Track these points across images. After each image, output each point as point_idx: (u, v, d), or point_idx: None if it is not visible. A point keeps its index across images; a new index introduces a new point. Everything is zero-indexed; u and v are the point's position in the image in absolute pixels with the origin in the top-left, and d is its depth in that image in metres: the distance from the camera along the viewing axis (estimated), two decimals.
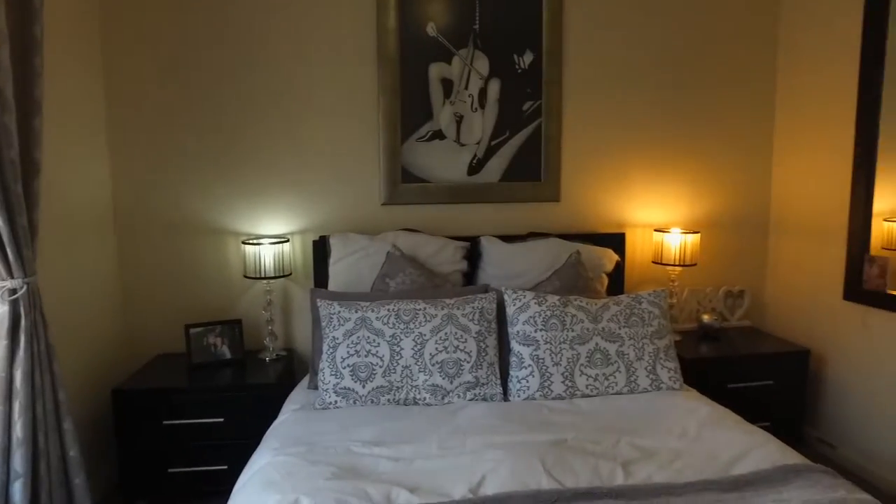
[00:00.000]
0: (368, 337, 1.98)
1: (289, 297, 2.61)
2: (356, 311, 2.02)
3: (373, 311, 2.01)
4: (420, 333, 1.97)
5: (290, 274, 2.52)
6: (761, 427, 2.50)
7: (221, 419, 2.19)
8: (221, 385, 2.28)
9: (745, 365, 2.51)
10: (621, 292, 2.49)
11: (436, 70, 2.57)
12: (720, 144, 2.82)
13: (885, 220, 2.38)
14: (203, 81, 2.47)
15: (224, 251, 2.56)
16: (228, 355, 2.43)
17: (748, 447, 1.61)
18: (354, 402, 1.93)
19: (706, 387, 2.38)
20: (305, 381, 2.21)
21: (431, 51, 2.55)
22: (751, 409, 2.48)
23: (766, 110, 2.85)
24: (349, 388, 1.94)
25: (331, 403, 1.94)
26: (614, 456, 1.58)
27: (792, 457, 1.56)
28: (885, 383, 2.35)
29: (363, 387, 1.94)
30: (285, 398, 2.11)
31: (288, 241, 2.51)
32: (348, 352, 1.96)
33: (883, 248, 2.39)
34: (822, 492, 1.36)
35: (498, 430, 1.73)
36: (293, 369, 2.53)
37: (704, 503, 1.34)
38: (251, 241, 2.41)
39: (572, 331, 1.98)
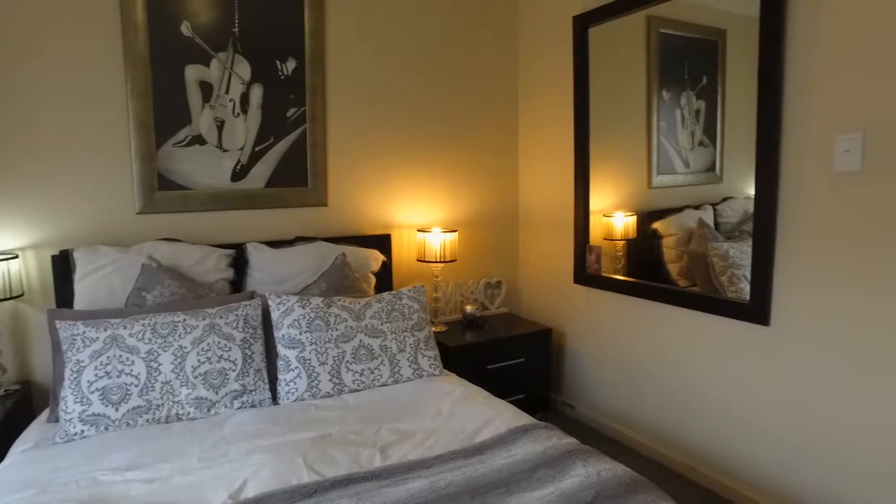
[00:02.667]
0: (121, 356, 1.84)
1: (21, 322, 2.28)
2: (105, 330, 1.86)
3: (125, 327, 1.88)
4: (180, 346, 1.89)
5: (22, 295, 2.21)
6: (516, 399, 2.88)
7: None
8: None
9: (502, 347, 2.83)
10: (391, 290, 2.66)
11: (193, 72, 2.46)
12: (475, 152, 3.16)
13: (605, 216, 2.88)
14: None
15: None
16: None
17: (490, 418, 1.85)
18: (106, 429, 1.78)
19: (470, 370, 2.66)
20: (45, 415, 1.97)
21: (188, 52, 2.44)
22: (508, 384, 2.84)
23: (511, 125, 3.27)
24: (99, 414, 1.78)
25: (76, 434, 1.76)
26: (374, 442, 1.70)
27: (523, 420, 1.82)
28: (604, 348, 2.87)
29: (116, 410, 1.79)
30: None
31: (17, 256, 2.20)
32: (97, 374, 1.80)
33: (604, 239, 2.88)
34: (541, 443, 1.63)
35: (264, 434, 1.75)
36: (32, 405, 2.22)
37: (449, 470, 1.52)
38: None
39: (336, 330, 2.07)
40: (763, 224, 2.10)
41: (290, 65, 2.62)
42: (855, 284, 1.87)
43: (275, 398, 2.02)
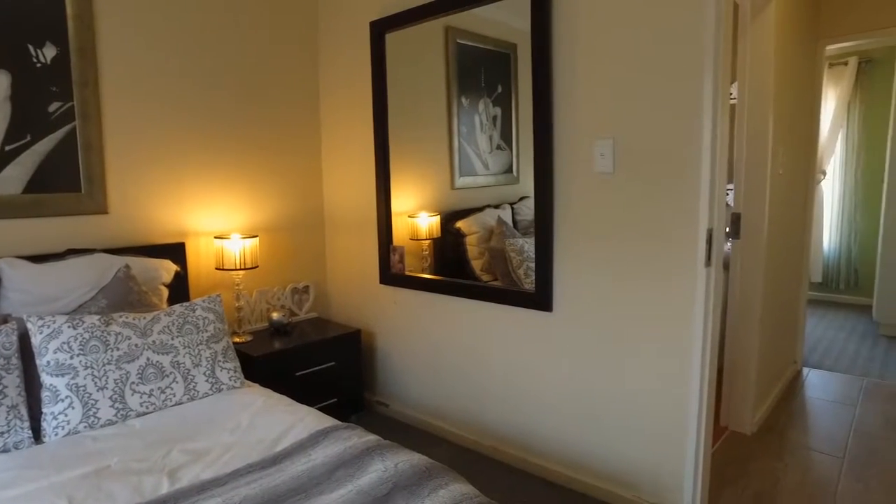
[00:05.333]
0: None
1: None
2: None
3: None
4: None
5: None
6: (330, 403, 2.86)
7: None
8: None
9: (311, 352, 2.78)
10: (187, 301, 2.46)
11: None
12: (277, 154, 3.06)
13: (410, 216, 2.98)
14: None
15: None
16: None
17: (292, 424, 1.82)
18: None
19: (278, 378, 2.58)
20: None
21: None
22: (320, 389, 2.81)
23: (313, 126, 3.23)
24: None
25: None
26: (163, 467, 1.57)
27: (325, 423, 1.82)
28: (412, 345, 2.97)
29: None
30: None
31: None
32: None
33: (411, 239, 2.98)
34: (341, 444, 1.64)
35: (16, 482, 1.49)
36: None
37: (245, 484, 1.46)
38: None
39: (118, 350, 1.87)
40: (542, 221, 2.34)
41: (49, 52, 2.30)
42: (611, 268, 2.18)
43: (38, 437, 1.76)
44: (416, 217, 2.92)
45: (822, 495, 2.34)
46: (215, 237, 2.71)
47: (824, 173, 5.53)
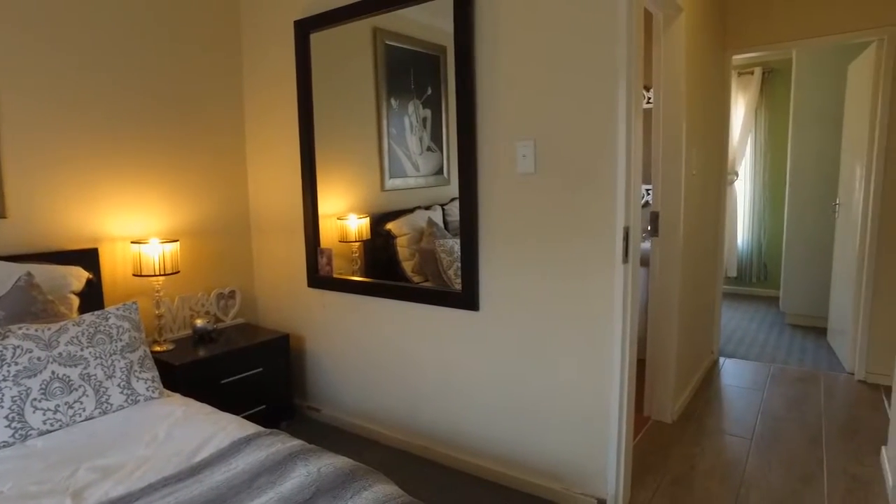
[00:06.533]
0: None
1: None
2: None
3: None
4: None
5: None
6: (258, 410, 2.79)
7: None
8: None
9: (238, 358, 2.70)
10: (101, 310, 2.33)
11: None
12: (199, 156, 2.95)
13: (339, 218, 2.94)
14: None
15: None
16: None
17: (213, 433, 1.75)
18: None
19: (202, 387, 2.50)
20: None
21: None
22: (247, 397, 2.74)
23: (237, 127, 3.13)
24: None
25: None
26: (66, 488, 1.48)
27: (248, 430, 1.77)
28: (342, 349, 2.94)
29: None
30: None
31: None
32: None
33: (340, 241, 2.94)
34: (263, 451, 1.60)
35: None
36: None
37: (160, 498, 1.40)
38: None
39: (16, 364, 1.74)
40: (467, 221, 2.38)
41: None
42: (535, 266, 2.24)
43: None
44: (345, 219, 2.89)
45: (732, 475, 2.49)
46: (132, 242, 2.58)
47: (737, 174, 5.88)
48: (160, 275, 2.56)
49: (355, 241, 2.90)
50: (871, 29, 3.35)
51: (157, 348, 2.61)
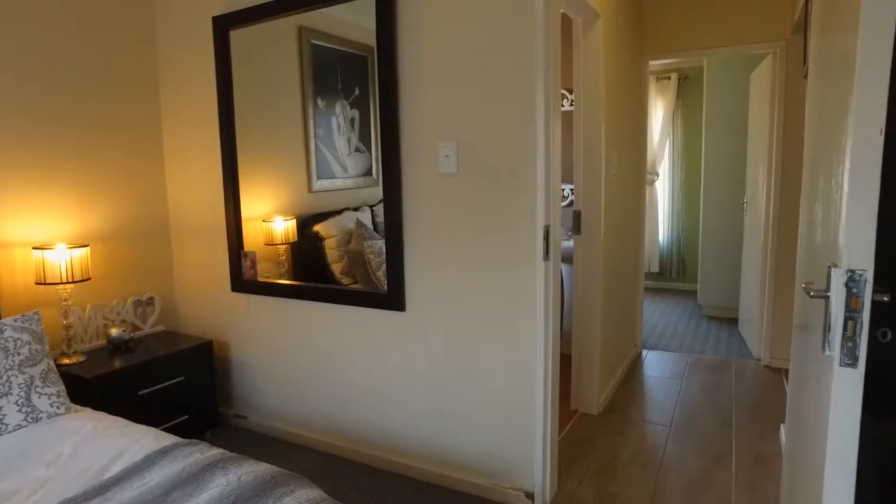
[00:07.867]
0: None
1: None
2: None
3: None
4: None
5: None
6: (180, 420, 2.68)
7: None
8: None
9: (157, 368, 2.58)
10: None
11: None
12: (114, 159, 2.80)
13: (264, 221, 2.86)
14: None
15: None
16: None
17: (125, 447, 1.67)
18: None
19: (117, 399, 2.37)
20: None
21: None
22: (168, 407, 2.63)
23: (153, 127, 2.99)
24: None
25: None
26: None
27: (164, 441, 1.70)
28: (268, 354, 2.86)
29: None
30: None
31: None
32: None
33: (266, 244, 2.87)
34: (180, 462, 1.54)
35: None
36: None
37: None
38: None
39: None
40: (392, 222, 2.37)
41: None
42: (459, 266, 2.26)
43: None
44: (270, 221, 2.82)
45: (653, 461, 2.61)
46: (34, 248, 2.41)
47: (658, 174, 6.16)
48: (68, 282, 2.41)
49: (282, 244, 2.84)
50: (768, 42, 3.61)
51: (66, 361, 2.45)
